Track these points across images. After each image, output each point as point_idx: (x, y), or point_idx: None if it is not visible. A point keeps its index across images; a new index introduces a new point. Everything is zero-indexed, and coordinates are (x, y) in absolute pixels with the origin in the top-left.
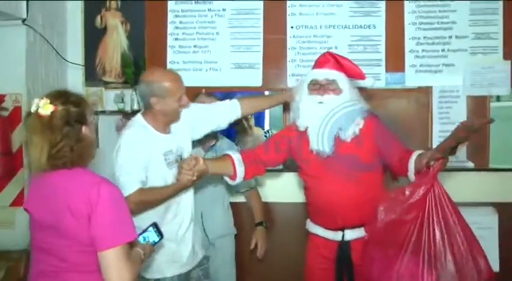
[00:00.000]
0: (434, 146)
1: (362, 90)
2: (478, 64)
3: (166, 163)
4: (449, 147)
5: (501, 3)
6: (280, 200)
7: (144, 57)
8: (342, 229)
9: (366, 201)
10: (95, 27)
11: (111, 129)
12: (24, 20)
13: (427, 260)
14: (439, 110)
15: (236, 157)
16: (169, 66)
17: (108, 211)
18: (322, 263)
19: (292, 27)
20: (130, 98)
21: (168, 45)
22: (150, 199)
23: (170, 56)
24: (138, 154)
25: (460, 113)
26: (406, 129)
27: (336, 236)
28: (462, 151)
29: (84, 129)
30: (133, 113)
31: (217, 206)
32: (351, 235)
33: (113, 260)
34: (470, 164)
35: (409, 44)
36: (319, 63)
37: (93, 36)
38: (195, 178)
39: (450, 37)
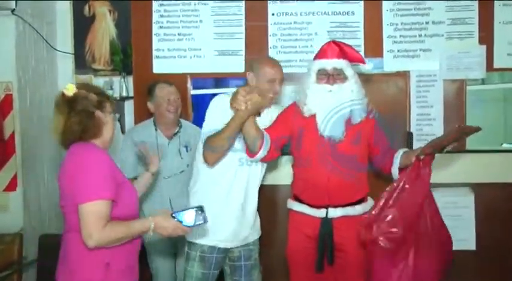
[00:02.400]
0: (412, 129)
1: None
2: (455, 49)
3: (238, 138)
4: (442, 146)
5: None
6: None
7: (131, 45)
8: (326, 207)
9: (354, 184)
10: (83, 16)
11: None
12: (13, 10)
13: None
14: (417, 93)
15: (266, 136)
16: (155, 54)
17: (87, 172)
18: (304, 241)
19: (273, 15)
20: (119, 85)
21: (153, 33)
22: (218, 137)
23: (155, 43)
24: (215, 115)
25: (437, 97)
26: (386, 113)
27: (320, 213)
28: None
29: (98, 113)
30: (122, 99)
31: (184, 193)
32: (334, 213)
33: (83, 214)
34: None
35: (387, 30)
36: (325, 53)
37: (82, 25)
38: (249, 106)
39: (427, 23)
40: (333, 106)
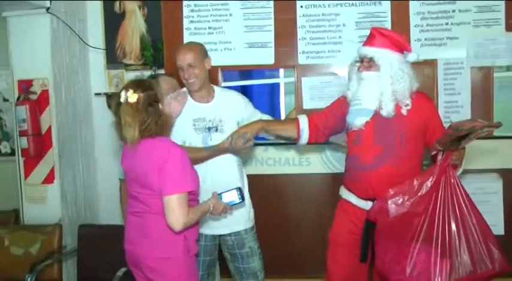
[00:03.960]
0: (440, 116)
1: None
2: (481, 36)
3: (194, 128)
4: (444, 142)
5: None
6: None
7: (162, 40)
8: (373, 200)
9: (399, 179)
10: (114, 13)
11: None
12: (48, 9)
13: (440, 250)
14: (444, 81)
15: (302, 121)
16: None
17: (172, 167)
18: (350, 226)
19: (301, 7)
20: None
21: (184, 27)
22: (195, 155)
23: (186, 37)
24: None
25: (464, 84)
26: None
27: (366, 205)
28: None
29: (160, 106)
30: None
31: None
32: None
33: (170, 204)
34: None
35: (413, 19)
36: (365, 41)
37: (113, 21)
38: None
39: (453, 11)
40: (362, 95)
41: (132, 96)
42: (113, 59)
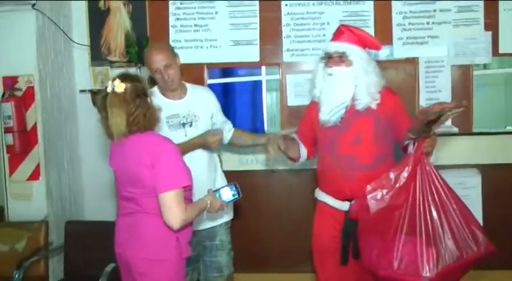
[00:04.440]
0: None
1: None
2: (461, 35)
3: (168, 125)
4: (416, 129)
5: None
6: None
7: (147, 37)
8: (350, 200)
9: (375, 173)
10: (98, 9)
11: None
12: (33, 5)
13: (424, 238)
14: (425, 79)
15: (302, 147)
16: (172, 45)
17: (166, 162)
18: (330, 229)
19: (286, 5)
20: None
21: (170, 25)
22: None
23: (172, 35)
24: None
25: (445, 82)
26: None
27: (344, 206)
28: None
29: (149, 99)
30: None
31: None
32: None
33: (167, 201)
34: (455, 129)
35: (396, 18)
36: (333, 36)
37: (98, 18)
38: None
39: (434, 11)
40: (333, 90)
41: (120, 86)
42: (98, 56)
